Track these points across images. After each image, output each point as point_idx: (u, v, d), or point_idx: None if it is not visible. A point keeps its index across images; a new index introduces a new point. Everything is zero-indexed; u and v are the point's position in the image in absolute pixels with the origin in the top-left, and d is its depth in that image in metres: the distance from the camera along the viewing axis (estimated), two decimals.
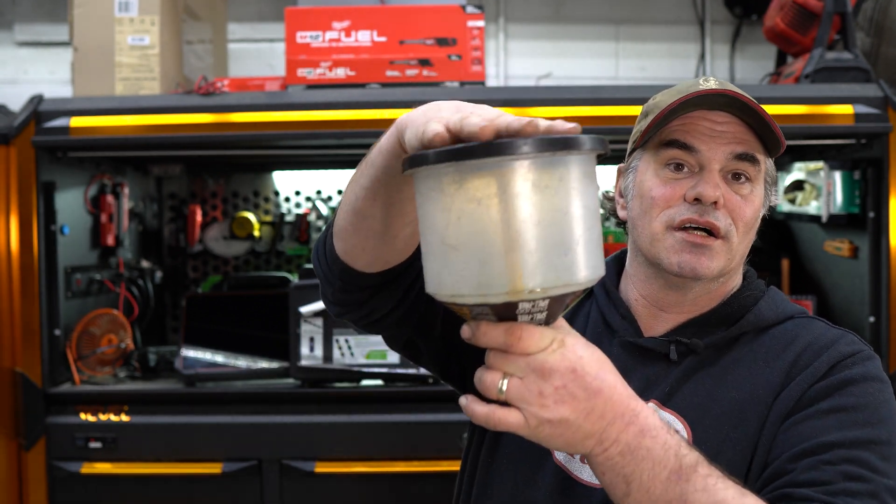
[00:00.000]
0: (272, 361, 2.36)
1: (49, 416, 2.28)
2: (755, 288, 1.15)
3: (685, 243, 1.06)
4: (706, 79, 1.10)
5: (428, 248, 0.81)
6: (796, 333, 1.09)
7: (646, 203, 1.10)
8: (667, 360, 1.09)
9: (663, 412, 1.05)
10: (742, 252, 1.10)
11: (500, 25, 3.19)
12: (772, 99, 2.21)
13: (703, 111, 1.07)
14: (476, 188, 0.75)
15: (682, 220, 1.06)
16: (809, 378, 1.02)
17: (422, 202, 0.81)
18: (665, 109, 1.06)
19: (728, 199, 1.07)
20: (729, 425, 1.02)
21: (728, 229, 1.06)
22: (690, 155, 1.07)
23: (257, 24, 3.18)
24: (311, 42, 2.32)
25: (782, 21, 2.50)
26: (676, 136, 1.08)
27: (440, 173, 0.77)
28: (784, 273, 2.70)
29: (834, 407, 0.98)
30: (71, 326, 2.39)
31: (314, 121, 2.22)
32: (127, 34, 2.35)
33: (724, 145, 1.06)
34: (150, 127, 2.23)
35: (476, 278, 0.76)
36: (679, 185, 1.08)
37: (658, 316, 1.13)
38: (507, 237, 0.75)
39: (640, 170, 1.12)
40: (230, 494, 2.28)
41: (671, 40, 3.20)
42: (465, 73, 2.31)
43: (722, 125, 1.07)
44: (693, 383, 1.07)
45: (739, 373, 1.06)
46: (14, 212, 2.26)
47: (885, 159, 2.21)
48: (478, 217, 0.75)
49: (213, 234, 2.97)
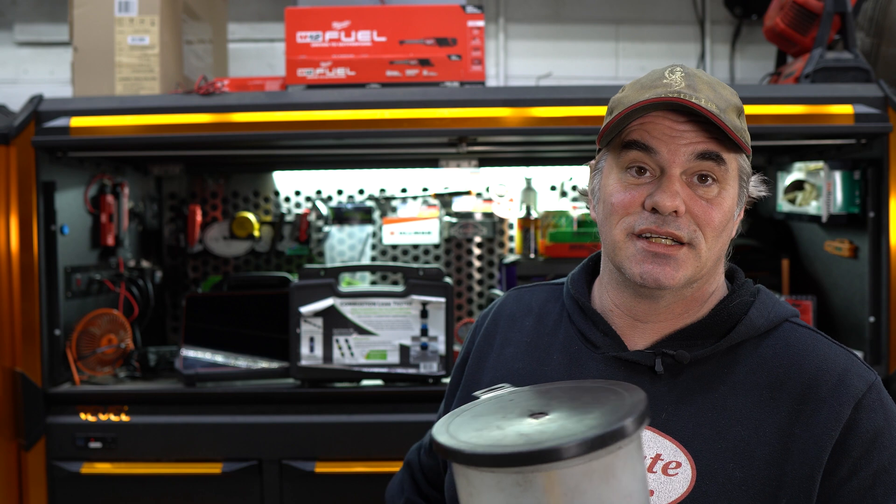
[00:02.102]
0: (272, 361, 2.36)
1: (49, 416, 2.28)
2: (745, 292, 1.10)
3: (647, 253, 1.02)
4: (672, 69, 1.06)
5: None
6: (799, 352, 1.05)
7: (607, 209, 1.06)
8: (653, 373, 1.05)
9: (663, 439, 1.01)
10: (715, 256, 1.05)
11: (500, 25, 3.19)
12: (772, 99, 2.21)
13: (663, 111, 1.02)
14: (513, 495, 0.72)
15: (641, 230, 1.02)
16: (833, 422, 0.99)
17: (458, 483, 0.78)
18: (621, 113, 1.02)
19: (691, 205, 1.01)
20: (734, 463, 0.99)
21: (693, 236, 1.02)
22: (650, 157, 1.02)
23: (257, 24, 3.18)
24: (311, 42, 2.32)
25: (782, 21, 2.50)
26: (635, 137, 1.03)
27: (479, 474, 0.74)
28: (784, 273, 2.70)
29: (877, 469, 0.97)
30: (71, 326, 2.39)
31: (314, 121, 2.22)
32: (127, 34, 2.35)
33: (685, 145, 1.01)
34: (150, 127, 2.23)
35: None
36: (639, 191, 1.03)
37: (636, 327, 1.09)
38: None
39: (605, 172, 1.08)
40: (230, 494, 2.28)
41: (671, 40, 3.20)
42: (465, 73, 2.32)
43: (682, 124, 1.01)
44: (692, 408, 1.02)
45: (742, 401, 1.02)
46: (14, 212, 2.26)
47: (885, 159, 2.21)
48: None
49: (213, 234, 2.97)
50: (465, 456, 0.73)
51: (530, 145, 2.62)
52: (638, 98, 1.03)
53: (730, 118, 1.02)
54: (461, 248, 3.04)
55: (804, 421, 0.99)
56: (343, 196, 3.02)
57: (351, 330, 2.29)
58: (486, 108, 2.21)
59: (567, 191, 3.00)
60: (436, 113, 2.20)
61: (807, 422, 0.99)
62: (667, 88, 1.02)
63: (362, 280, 2.92)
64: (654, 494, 0.98)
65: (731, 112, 1.03)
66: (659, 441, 1.01)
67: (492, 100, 2.23)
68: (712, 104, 1.01)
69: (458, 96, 2.24)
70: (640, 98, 1.03)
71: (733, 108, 1.05)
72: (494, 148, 2.59)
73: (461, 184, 2.97)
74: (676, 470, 0.99)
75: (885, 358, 2.21)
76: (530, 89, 2.29)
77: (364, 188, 3.01)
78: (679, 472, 0.99)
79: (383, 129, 2.21)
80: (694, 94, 1.01)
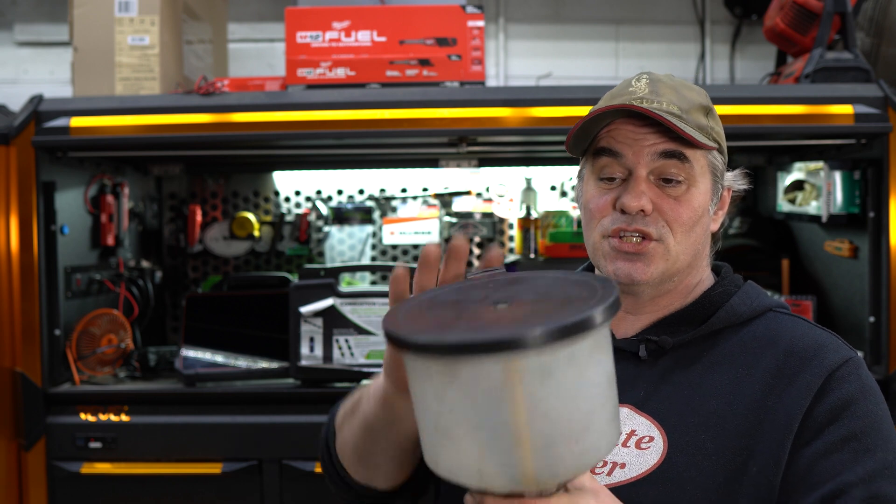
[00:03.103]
0: (272, 361, 2.36)
1: (49, 416, 2.28)
2: (729, 284, 1.14)
3: (618, 252, 1.08)
4: (639, 77, 1.12)
5: (422, 425, 0.73)
6: (776, 332, 1.08)
7: (587, 214, 1.13)
8: (637, 359, 1.09)
9: (639, 416, 1.04)
10: (690, 251, 1.10)
11: (500, 25, 3.19)
12: (772, 99, 2.21)
13: (624, 118, 1.08)
14: (470, 384, 0.66)
15: (614, 230, 1.08)
16: (804, 392, 1.01)
17: (411, 381, 0.72)
18: (578, 123, 1.08)
19: (659, 203, 1.07)
20: (706, 435, 1.01)
21: (661, 232, 1.07)
22: (617, 161, 1.09)
23: (257, 24, 3.18)
24: (311, 42, 2.32)
25: (782, 21, 2.50)
26: (603, 144, 1.10)
27: (426, 363, 0.68)
28: (784, 273, 2.70)
29: (846, 436, 0.98)
30: (71, 326, 2.39)
31: (314, 121, 2.22)
32: (127, 34, 2.35)
33: (647, 146, 1.07)
34: (150, 127, 2.23)
35: (476, 468, 0.68)
36: (610, 194, 1.10)
37: (625, 318, 1.14)
38: (508, 434, 0.66)
39: (585, 179, 1.16)
40: (230, 494, 2.28)
41: (671, 40, 3.20)
42: (465, 73, 2.32)
43: (643, 128, 1.08)
44: (670, 387, 1.06)
45: (718, 378, 1.05)
46: (14, 212, 2.26)
47: (885, 159, 2.21)
48: (474, 413, 0.66)
49: (213, 234, 2.97)
50: (401, 340, 0.68)
51: (530, 145, 2.62)
52: (605, 105, 1.09)
53: (693, 118, 1.08)
54: None
55: (777, 393, 1.02)
56: (343, 196, 3.02)
57: (351, 330, 2.29)
58: (486, 108, 2.21)
59: (567, 191, 3.00)
60: (436, 113, 2.20)
61: (780, 394, 1.02)
62: (630, 96, 1.09)
63: (362, 280, 2.92)
64: (626, 468, 1.02)
65: (695, 112, 1.09)
66: (635, 418, 1.04)
67: (492, 100, 2.23)
68: (674, 106, 1.07)
69: (458, 96, 2.24)
70: (606, 105, 1.09)
71: (698, 107, 1.10)
72: (494, 148, 2.59)
73: (461, 184, 2.97)
74: (649, 444, 1.02)
75: (885, 358, 2.21)
76: (530, 89, 2.29)
77: (364, 188, 3.01)
78: (651, 446, 1.02)
79: (383, 129, 2.21)
80: (655, 98, 1.07)
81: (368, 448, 1.03)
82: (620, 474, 1.01)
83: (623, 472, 1.01)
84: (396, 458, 1.03)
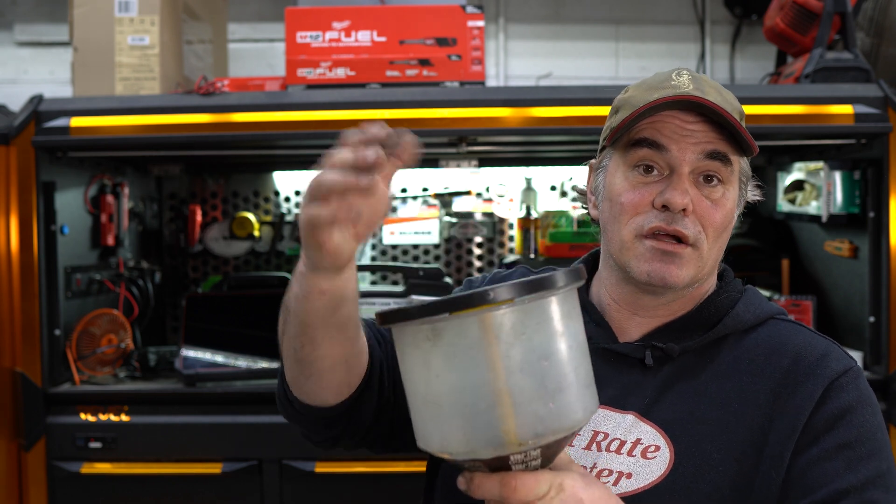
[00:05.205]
0: (272, 361, 2.36)
1: (49, 416, 2.28)
2: (732, 289, 1.13)
3: (655, 251, 1.04)
4: (679, 72, 1.07)
5: (412, 402, 0.79)
6: (781, 340, 1.07)
7: (615, 209, 1.07)
8: (643, 365, 1.07)
9: (644, 424, 1.03)
10: (714, 258, 1.08)
11: (500, 25, 3.19)
12: (772, 99, 2.21)
13: (675, 111, 1.05)
14: (451, 344, 0.72)
15: (650, 229, 1.04)
16: (806, 401, 1.00)
17: (401, 357, 0.79)
18: (636, 111, 1.03)
19: (697, 204, 1.04)
20: (712, 445, 1.00)
21: (697, 237, 1.04)
22: (660, 155, 1.04)
23: (257, 24, 3.18)
24: (311, 42, 2.32)
25: (782, 21, 2.50)
26: (646, 135, 1.05)
27: (413, 330, 0.75)
28: (784, 273, 2.70)
29: (841, 444, 0.98)
30: (71, 326, 2.39)
31: (314, 121, 2.22)
32: (127, 34, 2.35)
33: (694, 144, 1.03)
34: (150, 127, 2.23)
35: (462, 435, 0.74)
36: (648, 189, 1.05)
37: (631, 319, 1.11)
38: (489, 392, 0.72)
39: (610, 170, 1.10)
40: (230, 494, 2.28)
41: (671, 40, 3.20)
42: (465, 73, 2.32)
43: (693, 124, 1.04)
44: (674, 395, 1.04)
45: (723, 386, 1.04)
46: (14, 212, 2.26)
47: (885, 159, 2.21)
48: (457, 374, 0.73)
49: (213, 234, 2.97)
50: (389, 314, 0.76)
51: (530, 145, 2.62)
52: (646, 98, 1.04)
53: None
54: (461, 248, 3.04)
55: (782, 403, 1.01)
56: None
57: None
58: (486, 108, 2.21)
59: (567, 191, 3.00)
60: (436, 113, 2.20)
61: (784, 404, 1.01)
62: (676, 90, 1.04)
63: (362, 280, 2.92)
64: (632, 477, 1.00)
65: (736, 115, 1.06)
66: (640, 426, 1.03)
67: (492, 100, 2.23)
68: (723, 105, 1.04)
69: (458, 96, 2.24)
70: (648, 98, 1.04)
71: (737, 112, 1.07)
72: (494, 148, 2.59)
73: (461, 184, 2.97)
74: (655, 453, 1.01)
75: (885, 358, 2.21)
76: (530, 89, 2.29)
77: None
78: (658, 456, 1.01)
79: None
80: (703, 95, 1.03)
81: (308, 353, 0.96)
82: (627, 484, 1.00)
83: (630, 482, 1.00)
84: (336, 354, 0.97)
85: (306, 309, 0.92)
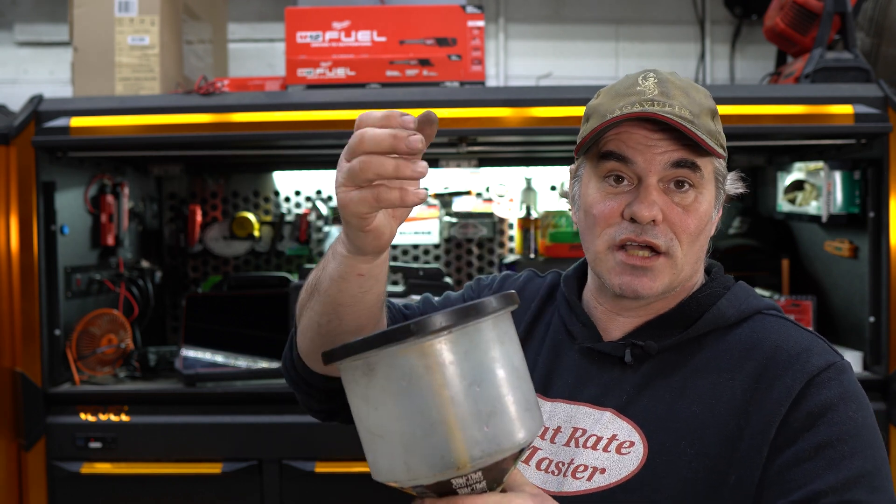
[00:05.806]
0: (272, 361, 2.36)
1: (49, 416, 2.28)
2: (718, 285, 1.12)
3: (625, 266, 1.05)
4: (645, 76, 1.08)
5: (360, 435, 0.81)
6: (761, 336, 1.06)
7: (589, 220, 1.09)
8: (622, 363, 1.08)
9: (621, 421, 1.04)
10: (692, 261, 1.08)
11: (500, 25, 3.19)
12: (772, 99, 2.21)
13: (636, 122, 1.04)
14: (385, 377, 0.74)
15: (621, 240, 1.04)
16: (784, 396, 0.99)
17: (347, 393, 0.80)
18: (599, 126, 1.04)
19: (668, 212, 1.04)
20: (686, 441, 1.00)
21: (669, 245, 1.04)
22: (627, 167, 1.04)
23: (257, 24, 3.18)
24: (311, 42, 2.32)
25: (782, 21, 2.50)
26: (612, 148, 1.05)
27: (351, 367, 0.77)
28: (784, 273, 2.70)
29: (821, 443, 0.96)
30: (71, 326, 2.39)
31: (314, 121, 2.22)
32: (127, 34, 2.35)
33: (660, 154, 1.03)
34: (150, 127, 2.23)
35: (404, 463, 0.75)
36: (618, 200, 1.05)
37: (615, 319, 1.12)
38: (424, 421, 0.74)
39: (584, 180, 1.11)
40: (230, 494, 2.28)
41: (671, 40, 3.20)
42: (465, 73, 2.32)
43: (657, 133, 1.03)
44: (651, 392, 1.05)
45: (700, 384, 1.04)
46: (14, 212, 2.26)
47: (885, 159, 2.21)
48: (392, 405, 0.75)
49: (213, 234, 2.97)
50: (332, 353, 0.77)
51: (530, 145, 2.62)
52: (612, 106, 1.05)
53: (703, 123, 1.04)
54: (461, 248, 3.04)
55: (759, 398, 1.00)
56: None
57: None
58: (486, 108, 2.21)
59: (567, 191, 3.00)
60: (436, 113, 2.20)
61: (761, 399, 1.00)
62: (640, 96, 1.04)
63: None
64: (606, 472, 1.01)
65: (704, 116, 1.05)
66: (617, 423, 1.04)
67: (492, 100, 2.23)
68: (685, 110, 1.03)
69: (458, 96, 2.24)
70: (614, 106, 1.05)
71: (707, 111, 1.07)
72: (494, 148, 2.59)
73: (461, 184, 2.97)
74: (629, 449, 1.02)
75: (885, 358, 2.21)
76: (530, 89, 2.29)
77: None
78: (632, 451, 1.02)
79: None
80: (667, 101, 1.03)
81: (334, 327, 0.98)
82: (600, 479, 1.01)
83: (603, 477, 1.01)
84: (358, 330, 0.99)
85: (341, 288, 0.94)
